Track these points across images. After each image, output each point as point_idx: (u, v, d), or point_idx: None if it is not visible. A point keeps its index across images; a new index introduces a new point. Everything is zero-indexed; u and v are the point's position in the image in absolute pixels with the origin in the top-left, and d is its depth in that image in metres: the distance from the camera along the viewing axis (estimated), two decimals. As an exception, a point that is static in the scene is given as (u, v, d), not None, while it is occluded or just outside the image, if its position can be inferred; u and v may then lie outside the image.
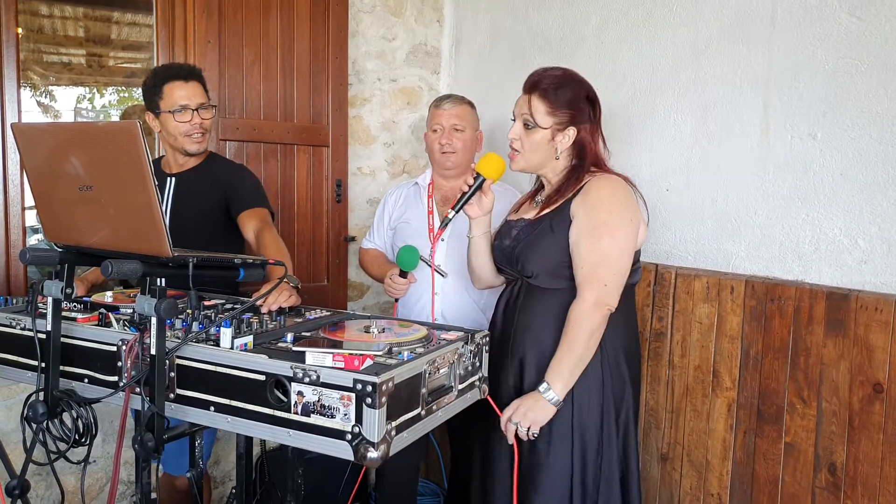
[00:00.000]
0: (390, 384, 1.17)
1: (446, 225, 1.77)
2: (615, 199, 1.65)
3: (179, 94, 2.03)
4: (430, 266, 2.23)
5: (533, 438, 1.65)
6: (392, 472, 2.35)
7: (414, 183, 2.44)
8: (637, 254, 1.72)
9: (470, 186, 1.74)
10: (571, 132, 1.71)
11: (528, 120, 1.72)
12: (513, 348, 1.76)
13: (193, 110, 2.04)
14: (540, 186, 1.88)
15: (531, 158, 1.74)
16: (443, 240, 2.28)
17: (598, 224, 1.63)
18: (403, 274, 2.17)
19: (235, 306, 1.66)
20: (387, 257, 2.45)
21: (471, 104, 2.37)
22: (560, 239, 1.68)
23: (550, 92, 1.69)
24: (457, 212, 1.76)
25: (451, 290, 2.27)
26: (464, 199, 1.75)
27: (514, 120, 1.76)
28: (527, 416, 1.64)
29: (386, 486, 2.39)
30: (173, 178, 2.14)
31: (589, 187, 1.68)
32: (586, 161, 1.72)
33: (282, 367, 1.21)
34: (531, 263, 1.72)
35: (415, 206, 2.37)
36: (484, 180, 1.74)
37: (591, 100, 1.73)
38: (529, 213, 1.79)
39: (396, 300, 2.27)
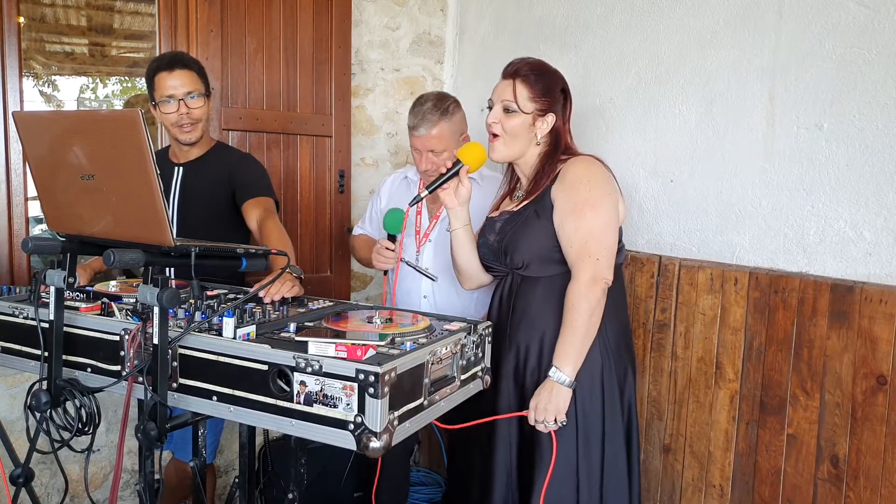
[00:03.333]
0: (393, 374, 1.16)
1: (416, 202, 1.81)
2: (593, 176, 1.68)
3: (165, 84, 2.01)
4: (416, 270, 2.20)
5: (563, 425, 1.66)
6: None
7: (404, 176, 2.39)
8: (619, 231, 1.73)
9: (448, 169, 1.74)
10: (550, 118, 1.75)
11: (509, 105, 1.74)
12: (510, 337, 1.77)
13: (180, 100, 2.02)
14: (516, 182, 1.88)
15: (512, 144, 1.75)
16: (430, 241, 2.25)
17: (579, 202, 1.65)
18: (392, 239, 2.09)
19: (238, 296, 1.66)
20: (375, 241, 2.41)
21: (450, 114, 2.16)
22: (546, 224, 1.70)
23: (532, 78, 1.73)
24: (429, 192, 1.77)
25: (439, 292, 2.25)
26: (438, 182, 1.75)
27: (490, 108, 1.78)
28: (548, 409, 1.64)
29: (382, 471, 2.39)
30: (181, 168, 2.14)
31: (565, 170, 1.72)
32: (560, 149, 1.76)
33: (284, 357, 1.21)
34: (519, 254, 1.73)
35: (404, 203, 2.30)
36: (462, 167, 1.74)
37: (565, 92, 1.79)
38: (511, 207, 1.80)
39: (386, 273, 2.20)
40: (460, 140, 2.22)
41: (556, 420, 1.65)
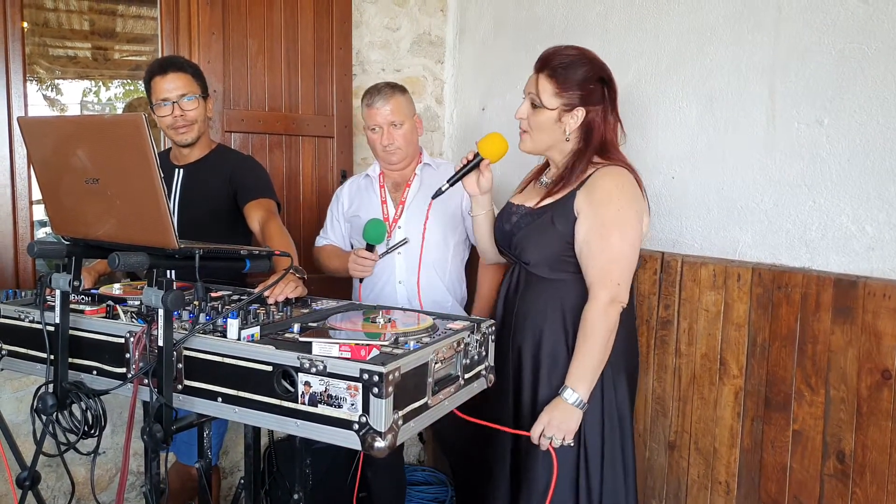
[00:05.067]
0: (397, 374, 1.17)
1: (437, 196, 1.80)
2: (623, 195, 1.63)
3: (159, 87, 2.03)
4: (391, 251, 2.21)
5: (570, 447, 1.65)
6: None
7: (365, 175, 2.42)
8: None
9: (469, 162, 1.73)
10: (580, 113, 1.67)
11: (534, 100, 1.69)
12: (513, 337, 1.77)
13: (174, 102, 2.03)
14: (546, 165, 1.86)
15: (539, 139, 1.71)
16: (399, 227, 2.27)
17: (607, 222, 1.61)
18: (370, 248, 2.12)
19: (242, 297, 1.66)
20: (343, 250, 2.41)
21: (402, 90, 2.27)
22: (562, 233, 1.66)
23: (559, 71, 1.66)
24: (450, 185, 1.75)
25: (413, 276, 2.26)
26: (457, 176, 1.74)
27: (524, 98, 1.74)
28: (560, 427, 1.62)
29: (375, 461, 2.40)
30: (181, 170, 2.15)
31: (594, 181, 1.65)
32: (592, 144, 1.69)
33: (289, 358, 1.22)
34: (529, 253, 1.72)
35: (367, 198, 2.35)
36: (482, 160, 1.73)
37: (605, 80, 1.69)
38: (532, 200, 1.77)
39: (361, 280, 2.23)
40: (414, 120, 2.29)
41: (563, 439, 1.63)
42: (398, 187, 2.32)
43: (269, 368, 1.24)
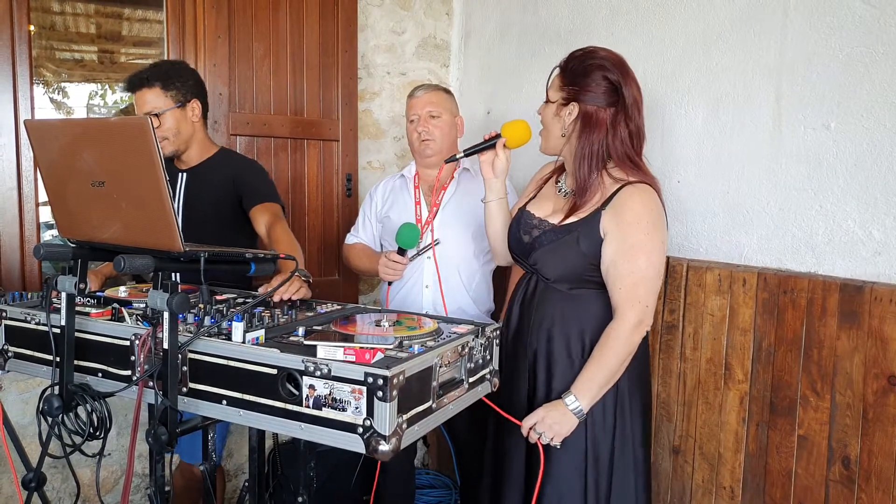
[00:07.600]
0: (401, 377, 1.17)
1: (452, 161, 1.84)
2: (651, 217, 1.63)
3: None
4: (421, 253, 2.20)
5: (556, 448, 1.65)
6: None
7: (400, 175, 2.42)
8: None
9: (490, 138, 1.76)
10: (573, 108, 1.66)
11: (547, 95, 1.72)
12: (528, 343, 1.76)
13: None
14: (561, 168, 1.85)
15: (546, 136, 1.74)
16: (430, 227, 2.27)
17: (636, 244, 1.61)
18: (402, 252, 2.12)
19: (247, 300, 1.67)
20: (374, 250, 2.41)
21: (446, 91, 2.34)
22: (587, 253, 1.65)
23: (567, 66, 1.68)
24: (465, 155, 1.80)
25: (442, 281, 2.24)
26: (474, 148, 1.78)
27: None
28: (552, 427, 1.62)
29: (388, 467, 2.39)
30: (185, 174, 2.15)
31: (622, 201, 1.63)
32: (591, 147, 1.65)
33: (293, 361, 1.22)
34: (550, 269, 1.71)
35: (401, 198, 2.35)
36: (499, 140, 1.75)
37: (612, 82, 1.65)
38: (553, 213, 1.75)
39: (390, 283, 2.23)
40: (455, 121, 2.32)
41: (551, 440, 1.63)
42: (433, 189, 2.31)
43: (274, 371, 1.24)
